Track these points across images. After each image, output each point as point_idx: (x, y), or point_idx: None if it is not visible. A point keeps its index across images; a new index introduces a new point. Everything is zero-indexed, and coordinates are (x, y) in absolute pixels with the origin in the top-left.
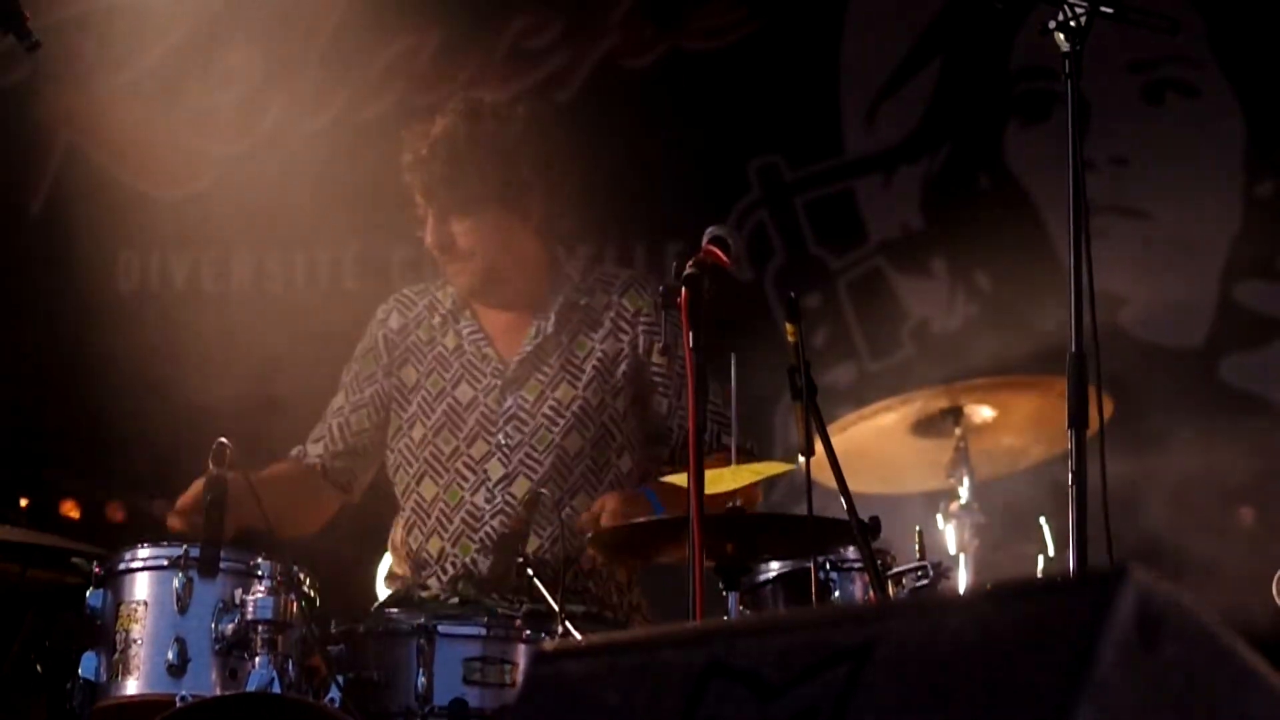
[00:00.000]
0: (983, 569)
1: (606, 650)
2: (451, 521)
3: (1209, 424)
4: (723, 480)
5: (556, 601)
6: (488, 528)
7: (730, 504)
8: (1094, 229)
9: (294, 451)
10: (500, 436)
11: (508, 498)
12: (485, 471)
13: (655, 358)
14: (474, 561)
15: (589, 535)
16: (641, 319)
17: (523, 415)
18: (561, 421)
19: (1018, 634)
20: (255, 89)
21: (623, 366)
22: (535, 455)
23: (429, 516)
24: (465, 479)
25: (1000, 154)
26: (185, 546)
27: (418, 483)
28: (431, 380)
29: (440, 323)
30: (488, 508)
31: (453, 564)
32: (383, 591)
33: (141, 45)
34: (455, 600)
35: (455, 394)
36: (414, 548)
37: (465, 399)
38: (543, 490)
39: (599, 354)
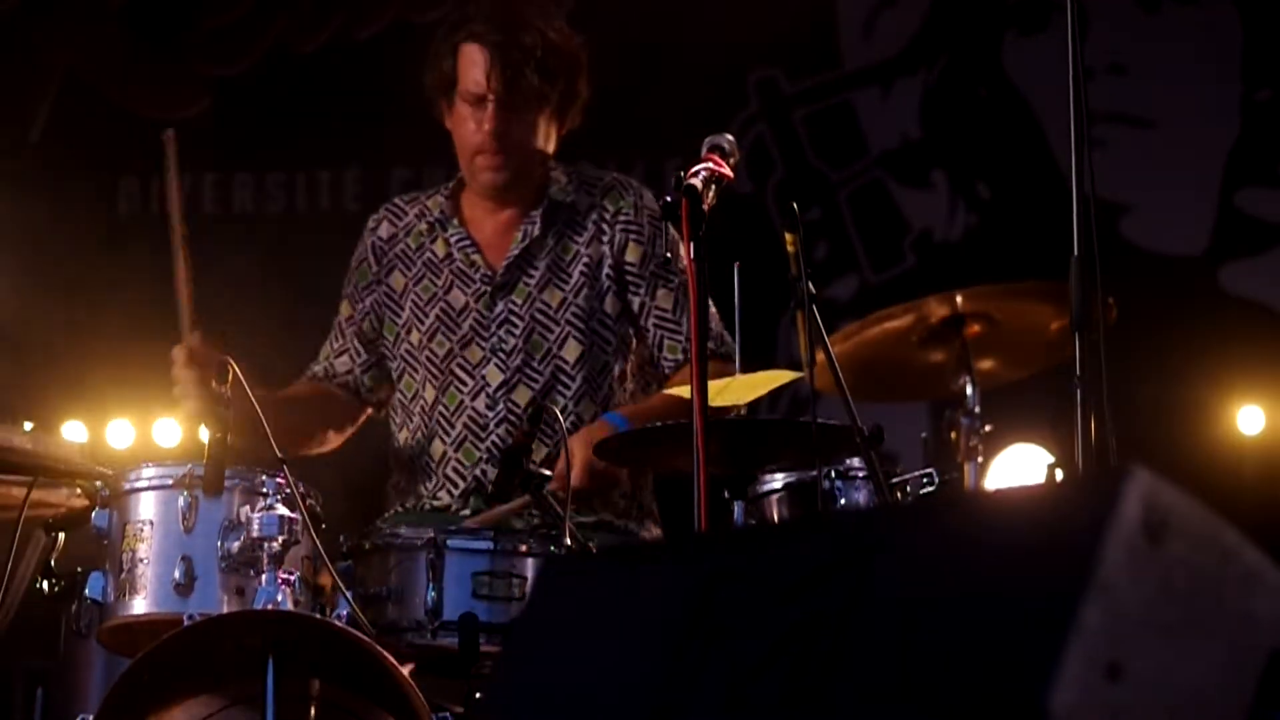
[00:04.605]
0: (988, 476)
1: (613, 559)
2: (453, 426)
3: (1209, 330)
4: (729, 392)
5: (563, 512)
6: (494, 436)
7: (734, 412)
8: (1093, 137)
9: (315, 369)
10: (494, 341)
11: (510, 405)
12: (483, 377)
13: (629, 256)
14: (483, 473)
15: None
16: (620, 218)
17: (514, 319)
18: (556, 329)
19: (1023, 536)
20: (253, 11)
21: (605, 268)
22: (533, 364)
23: (429, 419)
24: (463, 383)
25: (999, 64)
26: (190, 465)
27: (423, 387)
28: (422, 285)
29: (428, 229)
30: (490, 415)
31: (456, 470)
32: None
33: None
34: (467, 513)
35: (447, 299)
36: (416, 452)
37: (458, 304)
38: (545, 403)
39: (585, 258)
